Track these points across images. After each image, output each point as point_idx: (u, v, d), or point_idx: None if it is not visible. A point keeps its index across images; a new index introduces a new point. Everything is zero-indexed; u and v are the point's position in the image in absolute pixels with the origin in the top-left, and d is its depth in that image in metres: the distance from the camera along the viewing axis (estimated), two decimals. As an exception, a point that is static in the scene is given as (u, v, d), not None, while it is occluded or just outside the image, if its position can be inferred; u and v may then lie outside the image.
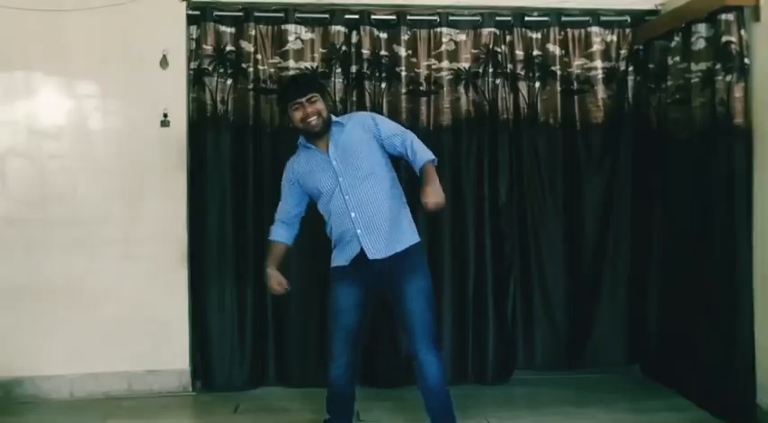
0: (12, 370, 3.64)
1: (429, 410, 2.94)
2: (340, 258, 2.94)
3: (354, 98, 3.83)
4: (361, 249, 2.85)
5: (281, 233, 3.07)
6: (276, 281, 3.00)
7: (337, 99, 3.80)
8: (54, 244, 3.67)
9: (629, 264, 4.00)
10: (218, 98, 3.75)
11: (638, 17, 3.97)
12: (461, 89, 3.89)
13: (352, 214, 2.86)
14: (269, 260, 3.04)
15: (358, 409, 3.50)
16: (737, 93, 3.21)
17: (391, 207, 2.91)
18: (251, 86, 3.78)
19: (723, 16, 3.25)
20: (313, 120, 2.87)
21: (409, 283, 2.85)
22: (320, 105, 2.89)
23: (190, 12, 3.75)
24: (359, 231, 2.85)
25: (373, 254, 2.84)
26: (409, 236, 2.94)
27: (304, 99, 2.86)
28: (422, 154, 2.87)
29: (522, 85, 3.93)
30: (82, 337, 3.69)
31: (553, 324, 3.99)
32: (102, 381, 3.72)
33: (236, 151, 3.78)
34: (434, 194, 2.71)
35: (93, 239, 3.69)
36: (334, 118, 2.97)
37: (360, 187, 2.86)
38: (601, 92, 3.98)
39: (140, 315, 3.72)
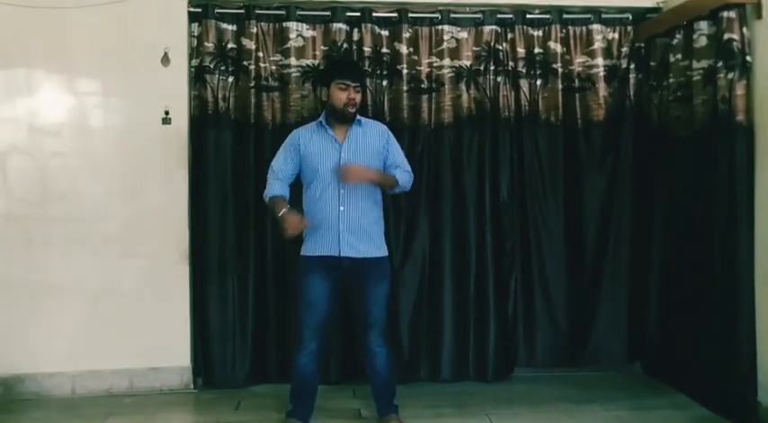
0: (13, 367, 3.65)
1: (377, 392, 3.20)
2: (314, 248, 3.05)
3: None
4: (338, 244, 2.99)
5: (281, 188, 3.09)
6: (296, 218, 2.93)
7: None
8: (55, 241, 3.67)
9: (630, 261, 4.00)
10: (220, 96, 3.75)
11: (640, 14, 3.96)
12: (463, 87, 3.88)
13: (341, 208, 3.00)
14: (277, 209, 2.98)
15: (359, 406, 3.52)
16: (739, 90, 3.20)
17: (375, 217, 3.11)
18: (252, 84, 3.77)
19: (725, 13, 3.24)
20: (351, 107, 3.02)
21: (375, 288, 3.07)
22: (360, 97, 3.09)
23: (191, 9, 3.75)
24: (341, 226, 2.99)
25: (348, 251, 3.01)
26: (382, 249, 3.13)
27: (353, 84, 3.03)
28: (399, 172, 3.12)
29: (524, 83, 3.93)
30: (83, 334, 3.69)
31: (554, 322, 3.99)
32: (103, 378, 3.73)
33: (237, 149, 3.78)
34: (356, 173, 2.95)
35: (95, 237, 3.70)
36: (357, 115, 3.12)
37: (356, 188, 3.01)
38: (602, 89, 3.97)
39: (142, 312, 3.72)
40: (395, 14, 3.84)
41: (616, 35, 3.98)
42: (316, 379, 3.17)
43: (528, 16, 3.92)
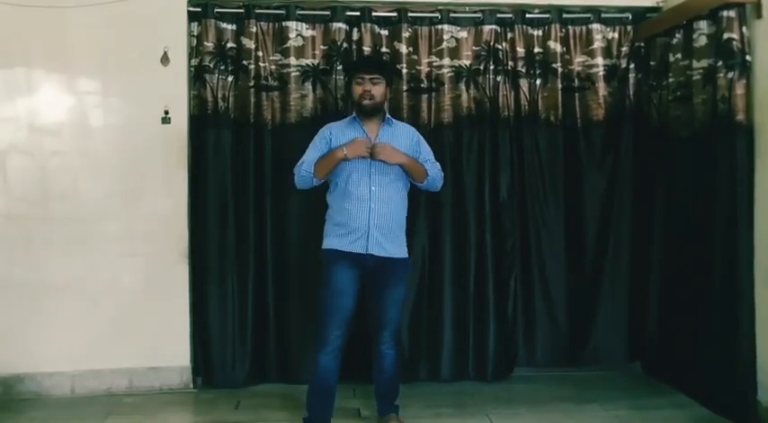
0: (13, 366, 3.65)
1: (380, 392, 3.20)
2: (340, 243, 3.03)
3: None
4: (366, 241, 2.99)
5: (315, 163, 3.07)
6: (359, 140, 3.01)
7: (338, 96, 3.80)
8: (55, 241, 3.67)
9: (629, 261, 4.00)
10: (219, 95, 3.75)
11: (640, 14, 3.96)
12: (462, 86, 3.88)
13: (372, 205, 3.01)
14: (338, 152, 3.00)
15: (359, 405, 3.52)
16: (739, 90, 3.20)
17: (403, 217, 3.15)
18: (252, 83, 3.77)
19: (724, 13, 3.24)
20: (367, 99, 3.04)
21: (393, 290, 3.08)
22: (379, 89, 3.07)
23: (191, 8, 3.75)
24: (371, 223, 3.00)
25: (375, 249, 3.01)
26: (404, 250, 3.15)
27: (367, 76, 3.05)
28: (430, 165, 3.17)
29: (523, 83, 3.93)
30: (83, 333, 3.69)
31: (554, 321, 3.99)
32: (103, 377, 3.73)
33: (236, 148, 3.78)
34: (387, 149, 2.98)
35: (94, 236, 3.70)
36: (388, 116, 3.16)
37: (387, 186, 3.05)
38: (602, 89, 3.97)
39: (141, 312, 3.72)
40: (394, 14, 3.84)
41: (616, 35, 3.98)
42: (336, 381, 3.09)
43: (528, 16, 3.92)
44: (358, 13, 3.82)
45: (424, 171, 3.13)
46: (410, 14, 3.84)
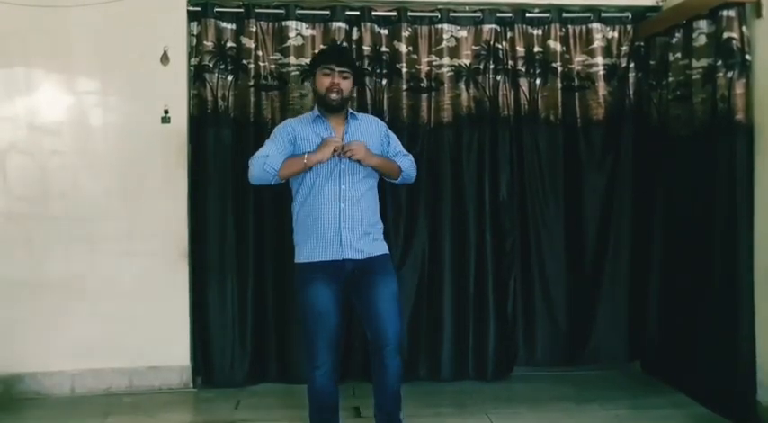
0: (13, 366, 3.65)
1: (381, 408, 2.88)
2: (312, 252, 2.78)
3: (355, 94, 3.81)
4: (340, 246, 2.77)
5: (282, 157, 2.79)
6: (330, 141, 2.75)
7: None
8: (55, 240, 3.67)
9: (629, 260, 4.00)
10: (219, 95, 3.75)
11: (640, 13, 3.96)
12: (462, 86, 3.88)
13: (342, 205, 2.78)
14: (298, 160, 2.73)
15: (358, 404, 3.52)
16: (739, 89, 3.20)
17: (374, 215, 2.92)
18: (251, 83, 3.77)
19: (724, 12, 3.24)
20: (334, 93, 2.81)
21: (383, 288, 2.80)
22: (347, 84, 2.85)
23: (190, 8, 3.75)
24: (342, 225, 2.77)
25: (352, 254, 2.78)
26: (383, 246, 2.93)
27: (337, 69, 2.82)
28: (402, 159, 3.00)
29: (523, 82, 3.93)
30: (83, 333, 3.69)
31: (554, 321, 3.99)
32: (103, 377, 3.73)
33: (236, 148, 3.77)
34: (362, 150, 2.77)
35: (94, 236, 3.70)
36: (350, 110, 2.96)
37: (356, 184, 2.83)
38: (602, 88, 3.97)
39: (141, 311, 3.72)
40: (394, 13, 3.84)
41: (616, 34, 3.98)
42: (337, 395, 2.87)
43: (527, 15, 3.92)
44: (358, 13, 3.82)
45: (398, 168, 2.95)
46: (410, 14, 3.84)
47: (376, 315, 2.79)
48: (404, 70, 3.82)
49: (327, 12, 3.81)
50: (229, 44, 3.77)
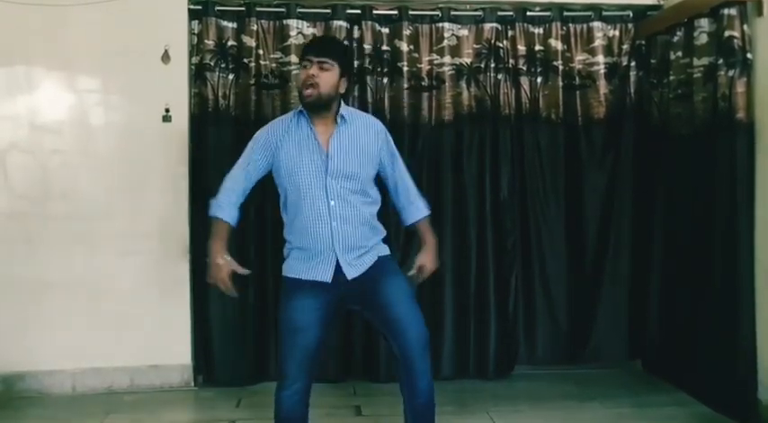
0: (14, 364, 3.65)
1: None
2: (302, 271, 2.47)
3: (356, 93, 3.82)
4: (336, 267, 2.44)
5: (229, 209, 2.54)
6: (227, 270, 2.45)
7: (339, 94, 3.80)
8: (56, 239, 3.67)
9: (630, 259, 4.00)
10: (220, 93, 3.75)
11: (641, 12, 3.96)
12: (463, 84, 3.88)
13: (333, 223, 2.42)
14: (215, 243, 2.46)
15: (359, 403, 3.52)
16: (740, 88, 3.20)
17: (372, 224, 2.55)
18: (252, 81, 3.77)
19: (725, 11, 3.24)
20: (309, 88, 2.39)
21: (390, 287, 2.48)
22: (328, 77, 2.40)
23: (191, 6, 3.75)
24: (337, 245, 2.42)
25: (351, 272, 2.45)
26: (383, 248, 2.59)
27: (315, 59, 2.41)
28: (421, 203, 2.64)
29: (524, 81, 3.92)
30: (84, 331, 3.69)
31: (554, 319, 3.99)
32: (104, 375, 3.73)
33: (237, 146, 3.74)
34: (435, 261, 2.59)
35: (95, 234, 3.70)
36: (342, 109, 2.51)
37: (348, 198, 2.45)
38: (603, 87, 3.97)
39: (142, 310, 3.72)
40: (395, 12, 3.84)
41: (617, 32, 3.98)
42: (306, 416, 2.49)
43: (528, 14, 3.92)
44: (359, 11, 3.81)
45: (434, 237, 2.65)
46: (411, 12, 3.84)
47: (391, 321, 2.47)
48: (405, 69, 3.82)
49: (328, 10, 3.81)
50: (230, 43, 3.76)
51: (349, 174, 2.46)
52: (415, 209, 2.67)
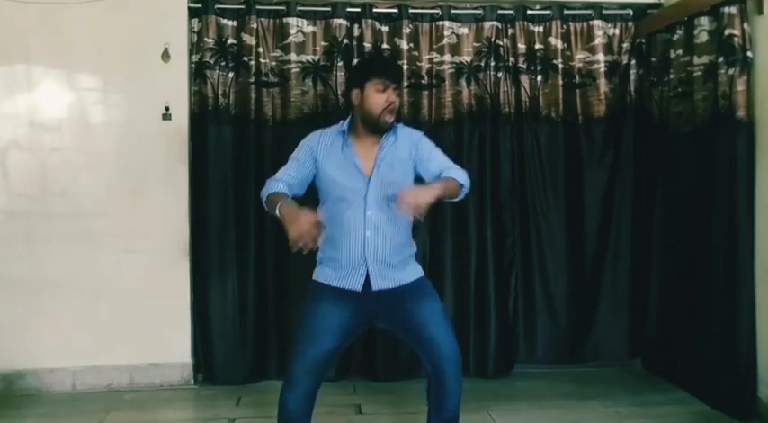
0: (14, 362, 3.65)
1: None
2: (332, 276, 2.48)
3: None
4: (366, 276, 2.44)
5: (282, 188, 2.47)
6: (310, 217, 2.21)
7: (339, 92, 3.80)
8: (55, 237, 3.67)
9: (630, 257, 4.00)
10: (220, 91, 3.75)
11: (641, 10, 3.96)
12: (463, 82, 3.88)
13: (368, 233, 2.43)
14: (281, 205, 2.32)
15: (359, 402, 3.52)
16: (740, 86, 3.20)
17: (406, 238, 2.56)
18: (252, 80, 3.77)
19: (726, 9, 3.24)
20: (390, 114, 2.43)
21: (425, 308, 2.48)
22: (398, 103, 2.48)
23: (191, 5, 3.74)
24: (369, 256, 2.44)
25: (381, 283, 2.45)
26: (418, 270, 2.60)
27: (393, 85, 2.44)
28: (455, 172, 2.51)
29: (524, 79, 3.92)
30: (84, 330, 3.69)
31: (554, 318, 3.99)
32: (104, 374, 3.73)
33: (237, 144, 3.78)
34: (415, 195, 2.29)
35: (95, 233, 3.70)
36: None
37: (386, 208, 2.44)
38: (603, 85, 3.97)
39: (142, 308, 3.72)
40: (395, 10, 3.84)
41: (617, 31, 3.98)
42: (308, 421, 2.48)
43: (528, 12, 3.92)
44: (359, 10, 3.81)
45: (457, 186, 2.48)
46: (411, 11, 3.84)
47: (425, 340, 2.46)
48: (405, 67, 3.82)
49: (328, 8, 3.81)
50: (230, 41, 3.76)
51: (388, 187, 2.44)
52: (450, 175, 2.50)
